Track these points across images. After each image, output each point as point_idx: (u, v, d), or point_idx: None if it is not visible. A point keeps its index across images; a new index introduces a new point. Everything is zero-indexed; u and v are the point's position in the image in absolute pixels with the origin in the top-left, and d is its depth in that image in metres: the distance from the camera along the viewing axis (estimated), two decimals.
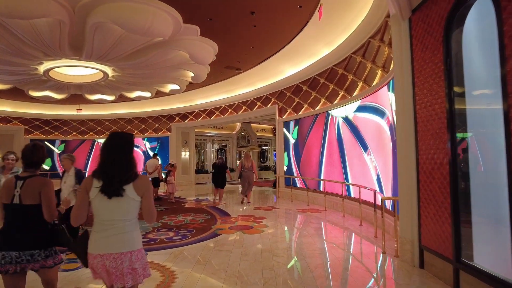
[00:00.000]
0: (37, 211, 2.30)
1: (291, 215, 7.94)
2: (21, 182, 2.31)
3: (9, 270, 2.22)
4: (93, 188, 1.97)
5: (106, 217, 1.98)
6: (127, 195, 1.97)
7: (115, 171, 1.97)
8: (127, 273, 1.95)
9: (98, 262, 1.94)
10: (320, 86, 9.42)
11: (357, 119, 7.62)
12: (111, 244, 1.95)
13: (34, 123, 17.70)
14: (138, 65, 9.40)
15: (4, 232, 2.29)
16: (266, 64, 10.43)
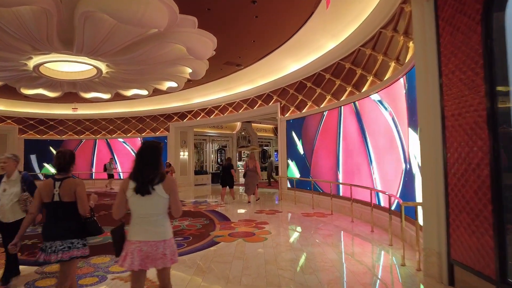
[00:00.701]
0: (74, 207, 2.72)
1: (296, 220, 7.42)
2: (59, 183, 2.72)
3: (51, 259, 2.60)
4: (129, 189, 2.37)
5: (142, 212, 2.37)
6: (157, 193, 2.35)
7: (146, 174, 2.36)
8: (159, 258, 2.32)
9: (136, 247, 2.31)
10: (326, 82, 8.89)
11: (365, 113, 7.13)
12: (148, 233, 2.34)
13: (28, 123, 17.18)
14: (132, 60, 8.89)
15: (48, 225, 2.74)
16: (268, 59, 9.91)
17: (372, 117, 6.91)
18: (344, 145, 8.07)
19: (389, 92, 6.14)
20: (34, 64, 9.13)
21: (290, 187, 10.41)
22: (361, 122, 7.37)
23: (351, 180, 7.63)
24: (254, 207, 9.11)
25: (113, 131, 17.91)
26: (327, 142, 8.77)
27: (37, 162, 17.33)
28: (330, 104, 8.60)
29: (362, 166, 7.29)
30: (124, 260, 2.33)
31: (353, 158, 7.65)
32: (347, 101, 7.85)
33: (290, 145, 10.52)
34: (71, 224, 2.76)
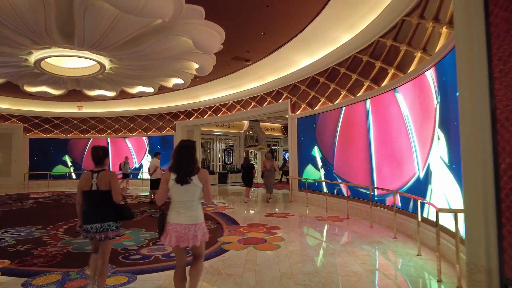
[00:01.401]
0: (109, 195, 3.16)
1: (309, 224, 6.90)
2: (96, 174, 3.18)
3: (93, 238, 3.17)
4: (171, 180, 2.79)
5: (180, 199, 2.79)
6: (193, 183, 2.77)
7: (184, 167, 2.77)
8: (191, 238, 2.74)
9: (174, 228, 2.75)
10: (340, 77, 8.36)
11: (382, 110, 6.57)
12: (183, 217, 2.76)
13: (33, 121, 16.95)
14: (136, 54, 8.47)
15: (88, 211, 3.18)
16: (278, 54, 9.41)
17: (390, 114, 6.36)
18: (376, 145, 7.27)
19: (410, 87, 5.60)
20: (35, 59, 8.77)
21: (302, 188, 9.89)
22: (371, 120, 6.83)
23: (383, 182, 7.03)
24: (264, 210, 8.62)
25: (118, 130, 17.58)
26: (351, 142, 8.00)
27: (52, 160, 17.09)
28: (345, 100, 8.06)
29: (397, 165, 6.70)
30: (164, 238, 2.80)
31: (389, 157, 6.90)
32: (365, 97, 7.30)
33: (302, 145, 10.01)
34: (107, 209, 3.18)
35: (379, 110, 6.84)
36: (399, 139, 6.12)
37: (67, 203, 10.24)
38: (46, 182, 16.81)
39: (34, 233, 5.97)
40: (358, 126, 7.60)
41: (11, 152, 16.42)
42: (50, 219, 7.33)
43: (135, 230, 6.18)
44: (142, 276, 3.83)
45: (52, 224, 6.80)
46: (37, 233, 5.96)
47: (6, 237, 5.72)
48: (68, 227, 6.56)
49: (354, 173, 7.71)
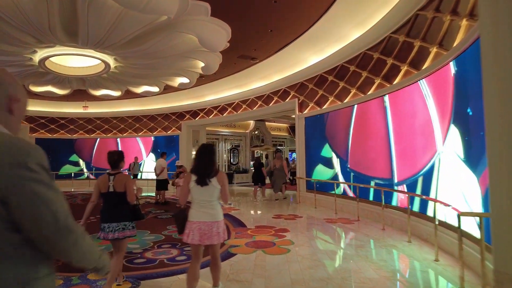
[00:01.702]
0: (125, 196, 3.36)
1: (319, 227, 6.69)
2: (113, 177, 3.40)
3: (108, 237, 3.33)
4: (192, 181, 3.04)
5: (200, 198, 3.04)
6: (212, 184, 3.01)
7: (204, 170, 3.04)
8: (213, 235, 2.97)
9: (196, 226, 2.98)
10: (350, 75, 8.13)
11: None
12: (205, 215, 3.01)
13: (39, 121, 16.94)
14: (141, 53, 8.33)
15: (105, 211, 3.44)
16: (285, 52, 9.21)
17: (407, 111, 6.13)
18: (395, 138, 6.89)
19: (430, 80, 5.36)
20: (40, 58, 8.67)
21: (310, 189, 9.67)
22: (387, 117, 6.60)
23: (402, 173, 6.81)
24: (271, 211, 8.42)
25: (124, 130, 17.51)
26: (367, 136, 7.56)
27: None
28: (356, 99, 7.82)
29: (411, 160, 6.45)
30: (187, 236, 2.98)
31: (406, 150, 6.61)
32: (376, 95, 7.07)
33: (310, 144, 9.78)
34: (123, 210, 3.40)
35: (397, 105, 6.55)
36: (416, 135, 5.88)
37: (71, 204, 10.13)
38: None
39: None
40: (374, 122, 7.25)
41: None
42: None
43: (140, 232, 6.02)
44: (147, 282, 3.66)
45: None
46: None
47: None
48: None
49: (372, 166, 7.31)
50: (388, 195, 6.60)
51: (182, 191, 3.16)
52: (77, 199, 11.29)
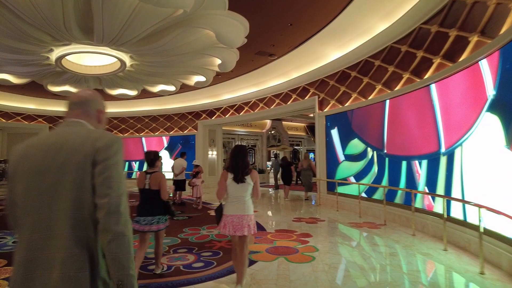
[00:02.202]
0: (158, 193, 3.81)
1: (343, 231, 6.28)
2: (149, 175, 3.86)
3: (145, 229, 3.73)
4: (229, 178, 3.37)
5: (235, 194, 3.38)
6: (247, 181, 3.36)
7: (239, 168, 3.35)
8: (244, 227, 3.31)
9: (230, 219, 3.35)
10: (375, 70, 7.67)
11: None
12: (237, 209, 3.36)
13: (58, 121, 17.12)
14: (157, 50, 8.13)
15: (142, 205, 3.85)
16: (305, 47, 8.82)
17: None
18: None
19: (471, 73, 4.88)
20: (56, 57, 8.60)
21: (331, 190, 9.25)
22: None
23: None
24: (291, 214, 8.06)
25: (141, 130, 17.50)
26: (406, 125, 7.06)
27: None
28: (382, 95, 7.36)
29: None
30: (223, 228, 3.32)
31: None
32: (404, 91, 6.60)
33: (331, 144, 9.35)
34: (157, 205, 3.77)
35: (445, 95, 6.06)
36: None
37: None
38: None
39: None
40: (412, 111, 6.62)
41: None
42: None
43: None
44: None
45: None
46: None
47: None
48: None
49: (413, 145, 6.55)
50: (417, 198, 6.13)
51: (220, 187, 3.41)
52: None
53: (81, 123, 1.37)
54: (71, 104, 1.44)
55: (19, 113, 15.99)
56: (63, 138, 1.27)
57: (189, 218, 7.42)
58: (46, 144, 1.26)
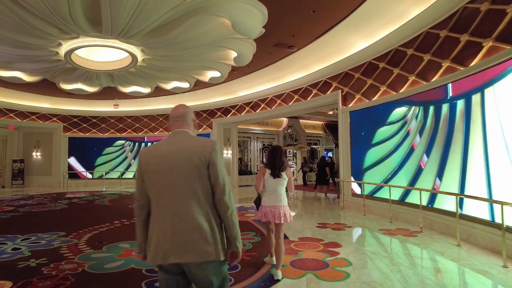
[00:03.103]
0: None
1: (376, 240, 5.58)
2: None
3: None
4: (267, 173, 3.83)
5: (273, 188, 3.85)
6: (282, 177, 3.84)
7: (276, 165, 3.83)
8: (281, 216, 3.80)
9: (268, 209, 3.84)
10: (407, 60, 6.92)
11: None
12: (275, 201, 3.85)
13: (72, 120, 16.98)
14: (169, 42, 7.63)
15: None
16: (327, 37, 8.15)
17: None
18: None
19: None
20: (66, 51, 8.23)
21: (357, 193, 8.53)
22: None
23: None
24: (313, 218, 7.40)
25: (155, 129, 17.16)
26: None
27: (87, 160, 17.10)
28: (415, 88, 6.61)
29: None
30: (264, 217, 3.88)
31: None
32: (443, 82, 5.84)
33: (357, 142, 8.63)
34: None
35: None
36: None
37: (98, 206, 9.67)
38: (84, 181, 16.79)
39: (54, 242, 5.24)
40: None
41: (52, 151, 16.55)
42: (77, 224, 6.66)
43: None
44: None
45: (77, 230, 6.08)
46: (57, 243, 5.21)
47: (24, 246, 5.02)
48: (92, 235, 5.79)
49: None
50: (461, 202, 5.37)
51: (258, 181, 3.85)
52: (105, 200, 10.87)
53: (185, 131, 1.90)
54: (174, 117, 1.93)
55: (34, 112, 15.89)
56: (179, 144, 1.81)
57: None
58: (169, 149, 1.80)
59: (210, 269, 1.72)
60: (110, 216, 7.65)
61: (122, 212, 8.35)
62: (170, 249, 1.69)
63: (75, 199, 10.97)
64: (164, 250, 1.70)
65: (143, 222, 1.84)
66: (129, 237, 5.55)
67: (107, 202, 10.22)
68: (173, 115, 1.94)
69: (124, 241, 5.25)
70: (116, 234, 5.83)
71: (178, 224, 1.71)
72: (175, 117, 1.93)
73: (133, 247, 4.89)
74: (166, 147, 1.82)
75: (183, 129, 1.90)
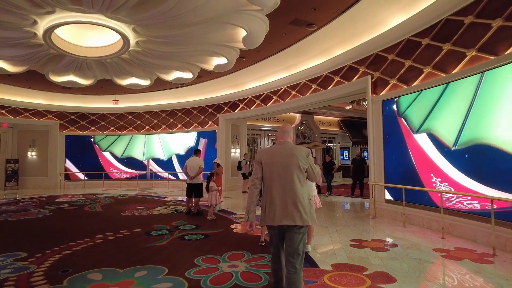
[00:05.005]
0: None
1: (438, 268, 4.13)
2: None
3: None
4: None
5: None
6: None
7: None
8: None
9: None
10: (461, 33, 5.45)
11: None
12: None
13: (69, 117, 15.84)
14: (164, 18, 6.30)
15: None
16: (354, 12, 6.75)
17: None
18: None
19: None
20: (44, 30, 6.95)
21: (391, 199, 7.07)
22: None
23: None
24: (343, 231, 5.99)
25: (157, 126, 15.91)
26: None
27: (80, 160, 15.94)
28: (475, 66, 5.13)
29: None
30: None
31: None
32: None
33: (392, 138, 7.17)
34: None
35: None
36: None
37: (87, 213, 8.40)
38: (82, 182, 15.64)
39: (3, 271, 3.93)
40: None
41: (48, 150, 15.43)
42: (48, 240, 5.38)
43: (151, 270, 3.90)
44: None
45: (43, 250, 4.78)
46: (7, 271, 3.90)
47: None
48: (61, 256, 4.48)
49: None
50: None
51: None
52: (97, 205, 9.61)
53: (288, 141, 2.90)
54: (282, 132, 2.94)
55: (27, 109, 14.77)
56: (286, 149, 2.82)
57: (205, 238, 5.50)
58: (279, 150, 2.84)
59: (301, 231, 2.66)
60: (95, 228, 6.37)
61: (111, 221, 7.07)
62: (282, 215, 2.65)
63: (65, 204, 9.75)
64: (277, 216, 2.65)
65: (257, 196, 2.85)
66: (108, 260, 4.23)
67: (98, 208, 8.95)
68: (282, 130, 2.95)
69: (98, 269, 3.92)
70: (92, 256, 4.51)
71: (287, 199, 2.67)
72: (283, 132, 2.94)
73: (107, 279, 3.56)
74: (277, 149, 2.87)
75: (287, 140, 2.91)
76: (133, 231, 6.07)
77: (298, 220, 2.59)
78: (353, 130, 18.71)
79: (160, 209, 8.74)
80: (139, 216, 7.73)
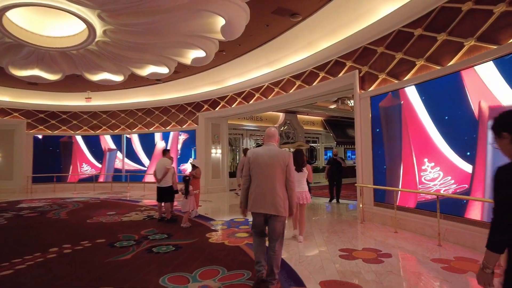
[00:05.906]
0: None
1: (437, 281, 3.64)
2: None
3: None
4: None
5: (297, 179, 4.82)
6: (304, 171, 5.36)
7: (300, 163, 5.32)
8: (304, 198, 5.27)
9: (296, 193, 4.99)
10: (458, 22, 5.02)
11: None
12: (300, 188, 5.18)
13: (38, 116, 14.76)
14: (132, 2, 5.61)
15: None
16: (342, 1, 6.22)
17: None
18: None
19: None
20: None
21: (379, 201, 6.60)
22: None
23: None
24: (330, 239, 5.47)
25: (133, 125, 15.04)
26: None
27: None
28: (474, 57, 4.70)
29: None
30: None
31: None
32: None
33: (381, 137, 6.70)
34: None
35: None
36: None
37: (49, 220, 7.56)
38: (52, 186, 14.56)
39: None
40: None
41: (13, 151, 14.30)
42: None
43: None
44: None
45: None
46: None
47: None
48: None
49: None
50: None
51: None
52: (64, 210, 8.75)
53: (274, 144, 3.50)
54: (268, 136, 3.58)
55: None
56: (271, 151, 3.40)
57: (176, 250, 4.84)
58: (265, 153, 3.41)
59: (279, 220, 3.29)
60: (52, 238, 5.60)
61: (73, 230, 6.30)
62: (261, 205, 3.29)
63: (26, 210, 8.83)
64: (257, 205, 3.30)
65: (247, 189, 3.45)
66: (55, 281, 3.52)
67: (63, 215, 8.12)
68: (267, 134, 3.59)
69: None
70: (37, 276, 3.79)
71: (267, 193, 3.29)
72: (268, 136, 3.58)
73: None
74: (264, 151, 3.45)
75: (272, 143, 3.53)
76: (95, 242, 5.34)
77: (273, 210, 3.26)
78: (337, 130, 18.38)
79: (132, 215, 7.99)
80: (106, 223, 6.97)
